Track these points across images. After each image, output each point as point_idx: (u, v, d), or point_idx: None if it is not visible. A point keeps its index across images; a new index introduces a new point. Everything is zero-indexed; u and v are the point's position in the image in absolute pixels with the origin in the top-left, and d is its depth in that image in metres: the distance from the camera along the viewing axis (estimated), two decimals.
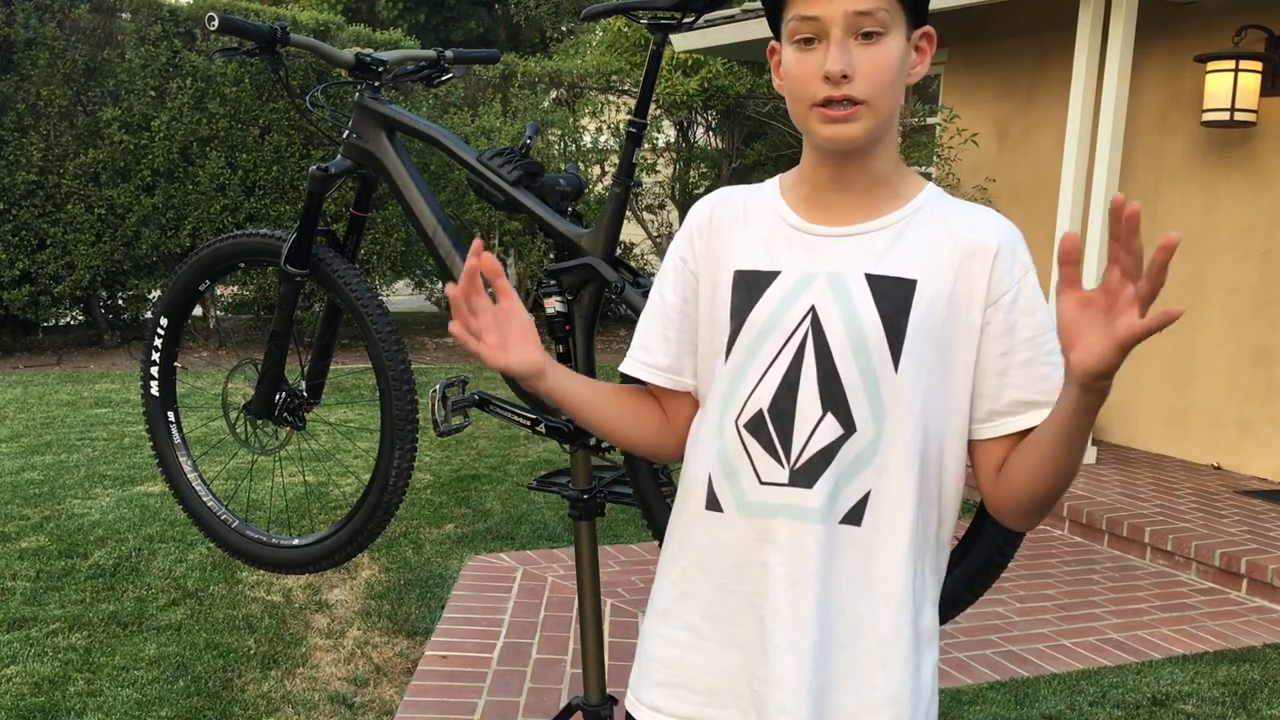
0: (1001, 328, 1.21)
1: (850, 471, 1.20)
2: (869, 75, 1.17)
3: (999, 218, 1.26)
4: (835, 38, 1.17)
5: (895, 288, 1.20)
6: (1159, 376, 5.93)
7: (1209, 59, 5.38)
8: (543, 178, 2.53)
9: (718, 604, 1.25)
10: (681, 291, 1.33)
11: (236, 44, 2.99)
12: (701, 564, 1.27)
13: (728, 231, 1.30)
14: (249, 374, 3.19)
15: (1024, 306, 1.22)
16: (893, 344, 1.19)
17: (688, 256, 1.33)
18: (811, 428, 1.20)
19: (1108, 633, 3.57)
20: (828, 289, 1.21)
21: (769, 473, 1.22)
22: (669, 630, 1.29)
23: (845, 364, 1.20)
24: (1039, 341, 1.21)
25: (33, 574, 3.59)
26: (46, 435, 5.47)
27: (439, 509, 4.50)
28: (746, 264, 1.27)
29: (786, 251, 1.25)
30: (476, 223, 9.00)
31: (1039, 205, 6.40)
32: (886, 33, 1.18)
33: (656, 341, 1.35)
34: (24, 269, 7.75)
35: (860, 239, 1.23)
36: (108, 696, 2.81)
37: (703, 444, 1.29)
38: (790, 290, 1.23)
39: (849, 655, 1.21)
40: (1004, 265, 1.21)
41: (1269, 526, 4.51)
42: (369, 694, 2.95)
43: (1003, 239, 1.23)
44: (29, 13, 7.56)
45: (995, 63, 6.76)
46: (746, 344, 1.24)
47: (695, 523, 1.28)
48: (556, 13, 16.24)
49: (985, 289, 1.21)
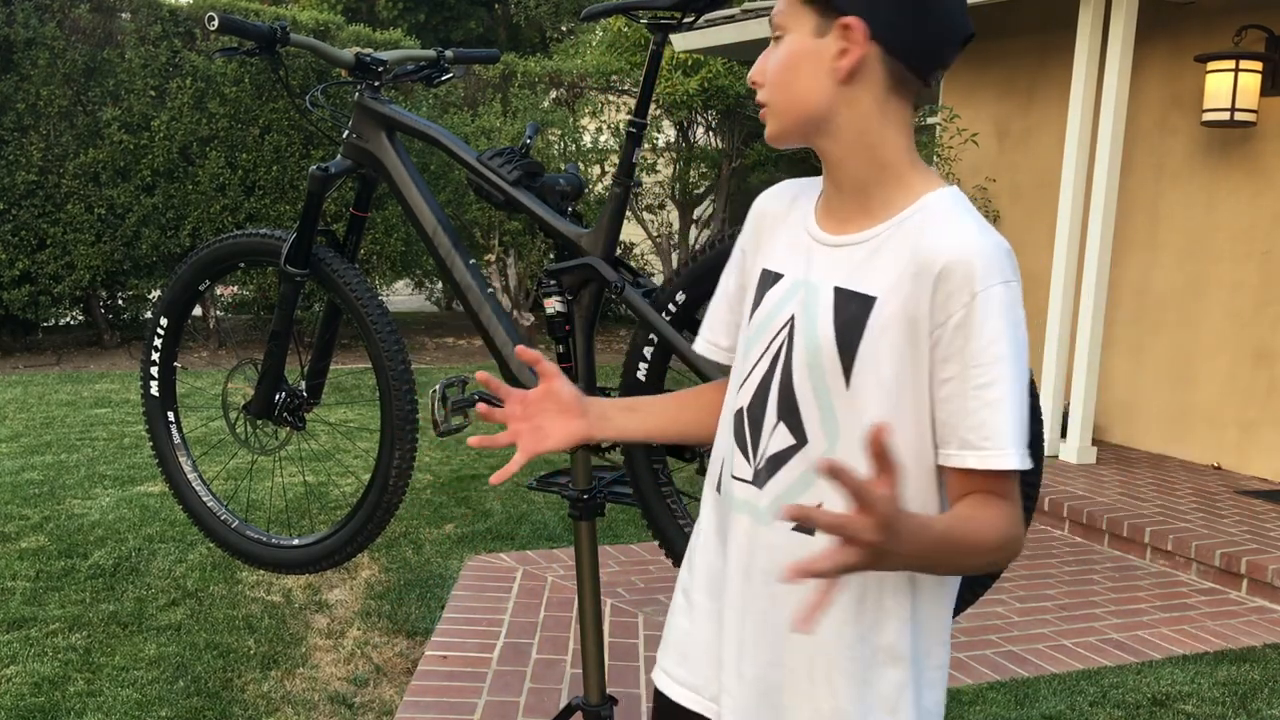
0: (944, 352, 1.14)
1: (803, 482, 1.21)
2: (769, 77, 1.21)
3: (970, 235, 1.14)
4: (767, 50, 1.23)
5: (855, 304, 1.18)
6: (1159, 376, 5.93)
7: (1209, 59, 5.38)
8: (543, 178, 2.53)
9: (706, 578, 1.33)
10: (740, 279, 1.37)
11: (236, 44, 2.99)
12: (707, 541, 1.34)
13: (770, 227, 1.33)
14: (249, 374, 3.19)
15: (965, 333, 1.12)
16: (845, 360, 1.17)
17: (747, 247, 1.36)
18: (770, 433, 1.24)
19: (1108, 633, 3.57)
20: (804, 299, 1.23)
21: (740, 468, 1.27)
22: (677, 599, 1.39)
23: (800, 376, 1.21)
24: (973, 375, 1.12)
25: (33, 574, 3.59)
26: (46, 435, 5.47)
27: (439, 509, 4.50)
28: (770, 263, 1.30)
29: (794, 256, 1.27)
30: (476, 223, 9.00)
31: (1039, 205, 6.40)
32: (785, 33, 1.20)
33: (720, 324, 1.39)
34: (24, 269, 7.75)
35: (844, 250, 1.21)
36: (108, 696, 2.81)
37: (721, 426, 1.35)
38: (782, 296, 1.25)
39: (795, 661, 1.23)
40: (949, 287, 1.12)
41: (1269, 527, 4.51)
42: (369, 694, 2.95)
43: (952, 257, 1.13)
44: (29, 13, 7.56)
45: (995, 63, 6.76)
46: (746, 342, 1.29)
47: (707, 502, 1.36)
48: (556, 13, 16.24)
49: (929, 310, 1.14)
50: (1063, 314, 5.59)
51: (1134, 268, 6.00)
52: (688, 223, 10.49)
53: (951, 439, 1.15)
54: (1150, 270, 5.95)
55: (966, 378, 1.13)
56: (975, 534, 1.11)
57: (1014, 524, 1.15)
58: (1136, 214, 5.97)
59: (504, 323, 2.68)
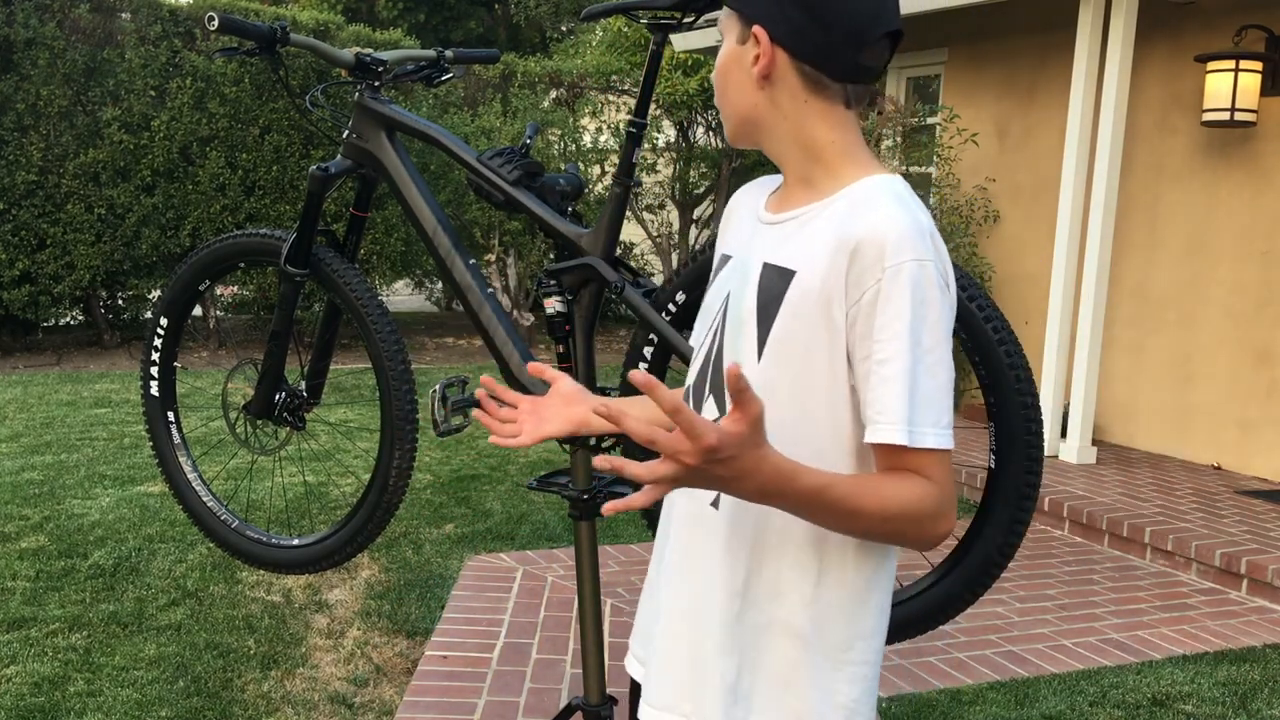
0: (861, 329, 1.15)
1: None
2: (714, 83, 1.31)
3: (886, 215, 1.15)
4: None
5: (777, 278, 1.21)
6: (1159, 376, 5.93)
7: (1209, 59, 5.38)
8: (543, 178, 2.53)
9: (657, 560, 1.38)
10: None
11: (236, 44, 2.99)
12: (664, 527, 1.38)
13: (734, 219, 1.38)
14: (249, 374, 3.19)
15: (875, 308, 1.13)
16: (760, 333, 1.21)
17: (720, 240, 1.41)
18: (701, 408, 1.30)
19: (1108, 633, 3.57)
20: (738, 275, 1.28)
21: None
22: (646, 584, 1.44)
23: (728, 350, 1.26)
24: (874, 349, 1.13)
25: (33, 574, 3.59)
26: (46, 435, 5.47)
27: (439, 509, 4.50)
28: (726, 249, 1.36)
29: (740, 237, 1.33)
30: (476, 223, 9.00)
31: (1039, 205, 6.40)
32: (722, 40, 1.28)
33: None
34: (24, 269, 7.75)
35: (776, 228, 1.26)
36: (108, 696, 2.81)
37: None
38: (725, 276, 1.31)
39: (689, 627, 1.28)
40: (863, 263, 1.13)
41: (1269, 527, 4.51)
42: (369, 694, 2.95)
43: (865, 234, 1.14)
44: (29, 13, 7.56)
45: (995, 63, 6.76)
46: (699, 322, 1.35)
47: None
48: (556, 13, 16.23)
49: (844, 287, 1.15)
50: (1063, 314, 5.59)
51: (1134, 268, 6.00)
52: (688, 223, 10.50)
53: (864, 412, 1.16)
54: (1150, 270, 5.95)
55: (870, 354, 1.14)
56: (869, 500, 1.11)
57: (925, 501, 1.13)
58: (1136, 214, 5.97)
59: (504, 323, 2.68)
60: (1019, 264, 6.57)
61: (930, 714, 2.92)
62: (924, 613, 2.41)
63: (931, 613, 2.40)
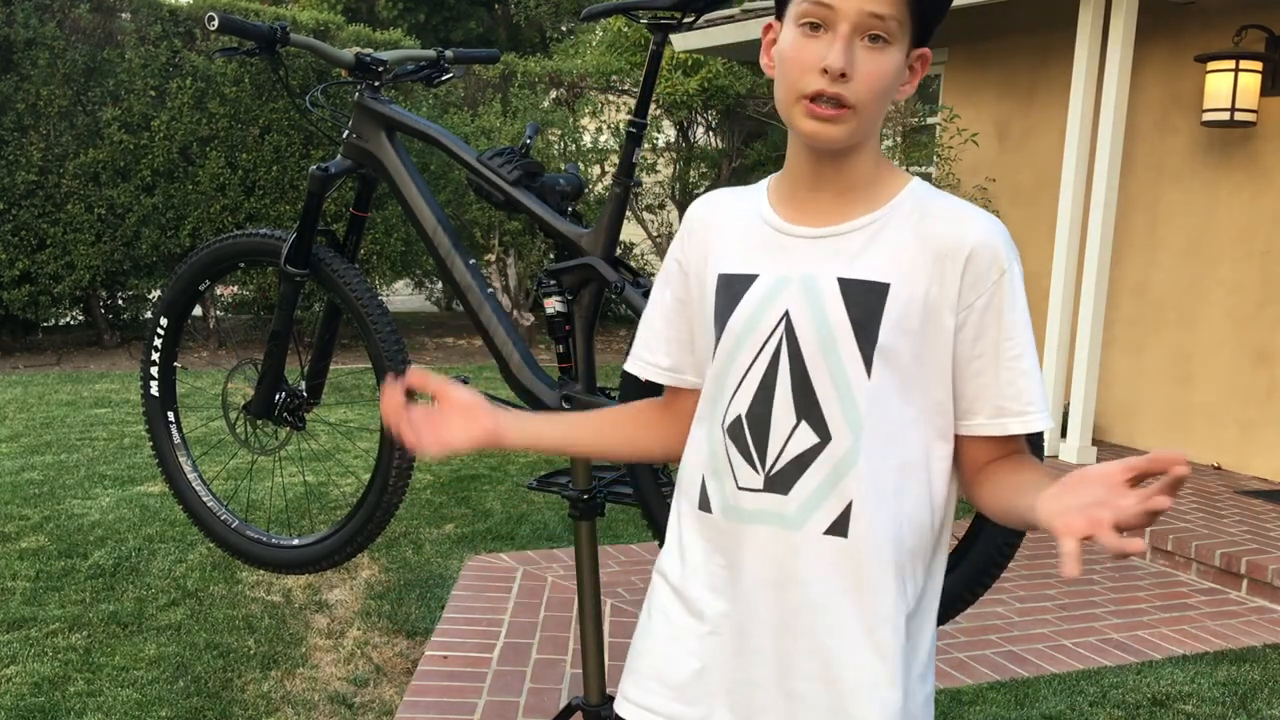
0: (974, 330, 1.20)
1: (831, 481, 1.18)
2: (866, 80, 1.15)
3: (980, 216, 1.21)
4: (843, 32, 1.14)
5: (867, 292, 1.18)
6: (1159, 376, 5.92)
7: (1209, 59, 5.38)
8: (543, 178, 2.53)
9: (701, 603, 1.26)
10: (678, 292, 1.34)
11: (236, 44, 3.00)
12: (689, 562, 1.28)
13: (716, 232, 1.30)
14: (249, 374, 3.19)
15: (996, 309, 1.19)
16: (864, 349, 1.17)
17: (682, 258, 1.33)
18: (787, 435, 1.20)
19: (1108, 633, 3.57)
20: (800, 293, 1.20)
21: (746, 478, 1.22)
22: (652, 623, 1.31)
23: (817, 370, 1.19)
24: (1006, 347, 1.20)
25: (33, 574, 3.58)
26: (46, 435, 5.47)
27: (439, 509, 4.50)
28: (729, 267, 1.26)
29: (764, 254, 1.25)
30: (476, 223, 9.00)
31: (1039, 205, 6.40)
32: (892, 43, 1.16)
33: (658, 341, 1.36)
34: (24, 269, 7.75)
35: (834, 241, 1.21)
36: (108, 696, 2.81)
37: (695, 444, 1.30)
38: (766, 294, 1.22)
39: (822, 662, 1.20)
40: (978, 268, 1.18)
41: (1269, 527, 4.51)
42: (369, 694, 2.95)
43: (978, 240, 1.19)
44: (29, 13, 7.56)
45: (995, 63, 6.76)
46: (728, 349, 1.24)
47: (688, 522, 1.29)
48: (556, 13, 16.24)
49: (957, 292, 1.18)
50: (1063, 314, 5.58)
51: (1134, 268, 6.00)
52: None
53: (982, 409, 1.21)
54: (1150, 270, 5.95)
55: (1000, 350, 1.20)
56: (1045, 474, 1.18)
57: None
58: (1136, 214, 5.97)
59: (504, 323, 2.68)
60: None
61: None
62: None
63: None
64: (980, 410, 1.21)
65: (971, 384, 1.21)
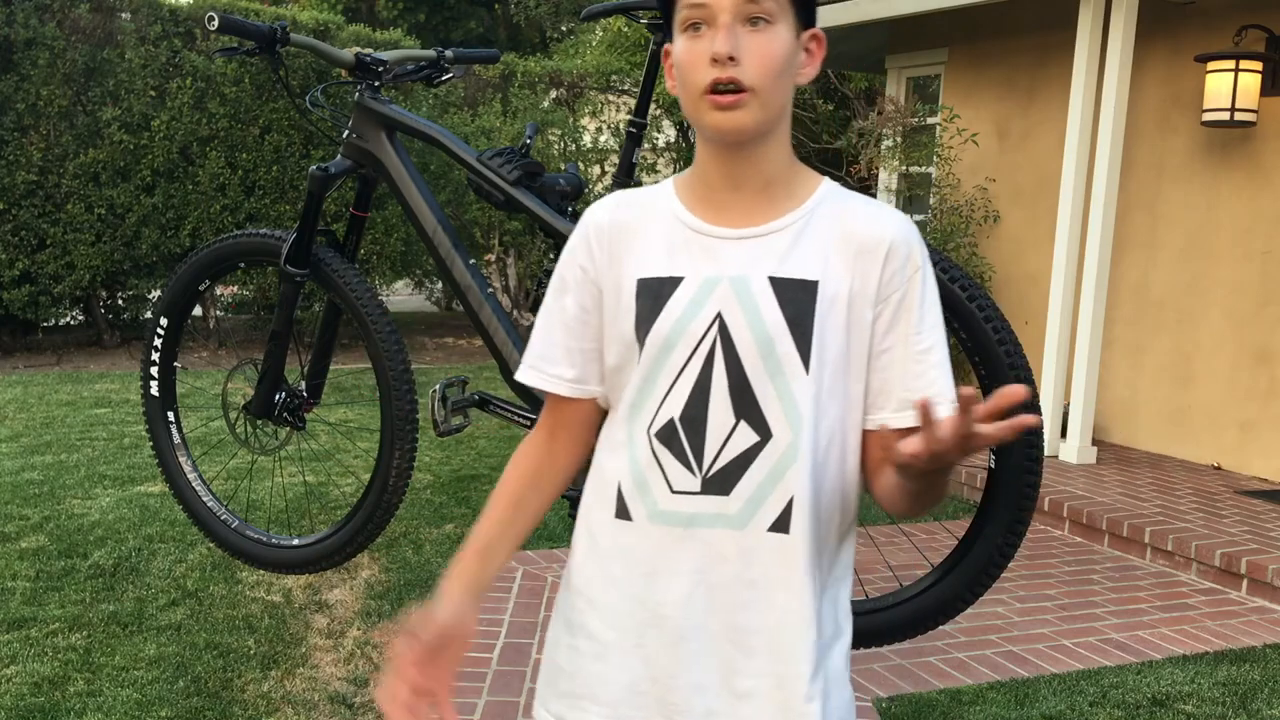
0: (886, 324, 1.22)
1: (772, 479, 1.20)
2: (756, 61, 1.16)
3: (894, 214, 1.25)
4: (724, 23, 1.16)
5: (799, 290, 1.20)
6: (1159, 376, 5.93)
7: (1209, 59, 5.38)
8: (543, 178, 2.53)
9: (625, 614, 1.24)
10: (583, 301, 1.29)
11: (236, 44, 2.99)
12: (609, 573, 1.26)
13: (628, 236, 1.27)
14: (249, 374, 3.19)
15: (909, 304, 1.22)
16: (801, 347, 1.19)
17: (588, 265, 1.29)
18: (725, 435, 1.20)
19: (1108, 633, 3.57)
20: (731, 294, 1.20)
21: (681, 481, 1.21)
22: (575, 640, 1.28)
23: (755, 370, 1.20)
24: (915, 340, 1.22)
25: (33, 574, 3.59)
26: (46, 435, 5.47)
27: (439, 509, 4.50)
28: (648, 271, 1.24)
29: (687, 256, 1.23)
30: (476, 223, 9.00)
31: (1039, 205, 6.40)
32: (774, 23, 1.18)
33: (559, 352, 1.31)
34: (24, 269, 7.75)
35: (761, 241, 1.22)
36: (108, 696, 2.81)
37: (611, 452, 1.27)
38: (694, 297, 1.21)
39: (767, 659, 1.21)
40: (895, 263, 1.22)
41: (1269, 527, 4.51)
42: (369, 694, 2.95)
43: (896, 236, 1.22)
44: (29, 13, 7.56)
45: (995, 63, 6.76)
46: (653, 354, 1.23)
47: (604, 531, 1.27)
48: (556, 13, 16.24)
49: (876, 286, 1.22)
50: (1062, 314, 5.59)
51: (1134, 268, 6.00)
52: None
53: (888, 402, 1.24)
54: (1150, 270, 5.95)
55: (909, 343, 1.22)
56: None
57: None
58: (1136, 214, 5.97)
59: (504, 323, 2.68)
60: (1019, 264, 6.57)
61: (930, 714, 2.92)
62: (925, 612, 2.41)
63: (932, 612, 2.40)
64: (886, 404, 1.23)
65: (878, 376, 1.23)
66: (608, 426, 1.30)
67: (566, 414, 1.34)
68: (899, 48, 7.41)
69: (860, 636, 2.46)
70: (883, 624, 2.43)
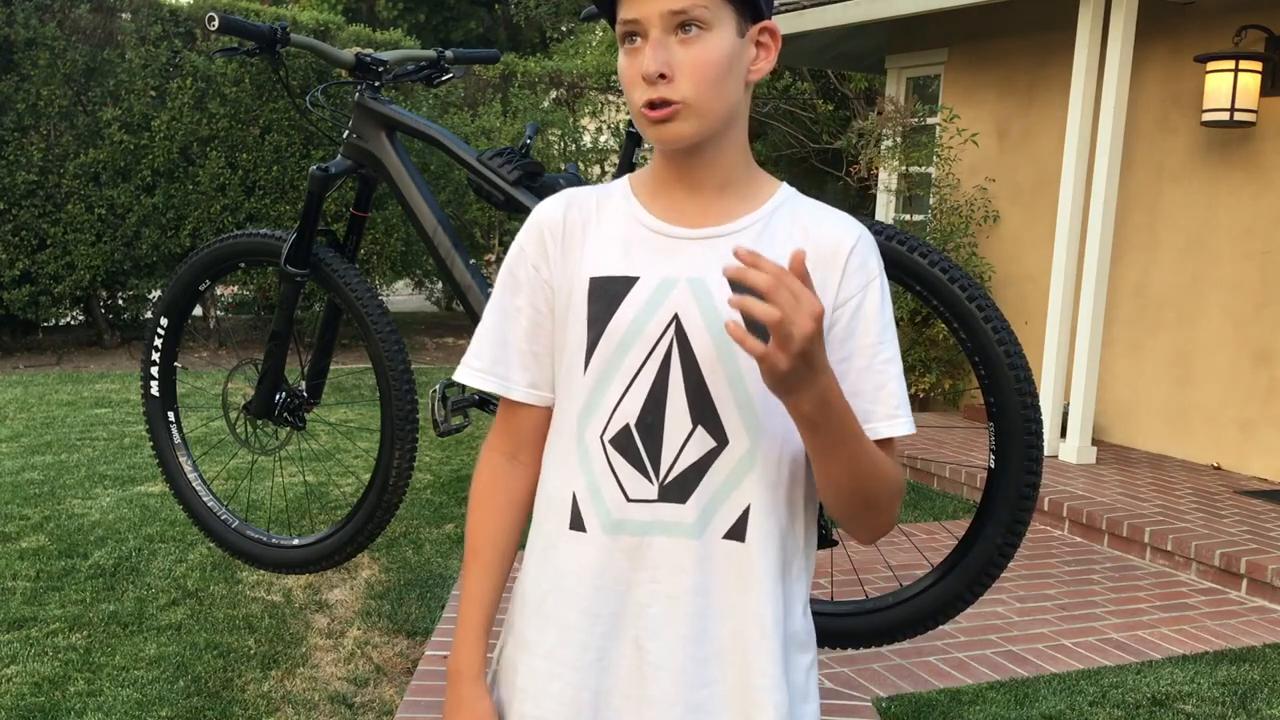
0: (844, 332, 1.19)
1: (728, 486, 1.17)
2: (688, 73, 1.13)
3: (852, 221, 1.23)
4: (654, 38, 1.13)
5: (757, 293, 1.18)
6: (1159, 376, 5.93)
7: (1209, 59, 5.38)
8: (543, 178, 2.53)
9: (581, 629, 1.20)
10: (535, 301, 1.25)
11: (236, 44, 2.99)
12: (563, 587, 1.22)
13: (581, 235, 1.23)
14: (249, 374, 3.20)
15: (866, 313, 1.19)
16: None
17: (540, 264, 1.24)
18: (682, 441, 1.17)
19: (1108, 633, 3.57)
20: (689, 295, 1.17)
21: (636, 489, 1.18)
22: (531, 659, 1.24)
23: (713, 374, 1.16)
24: (876, 350, 1.19)
25: (33, 574, 3.59)
26: (46, 435, 5.47)
27: (439, 509, 4.50)
28: (602, 269, 1.20)
29: (643, 255, 1.20)
30: (476, 223, 9.01)
31: (1039, 205, 6.40)
32: (708, 29, 1.13)
33: (513, 355, 1.26)
34: (24, 269, 7.75)
35: (720, 242, 1.19)
36: (108, 696, 2.81)
37: (561, 460, 1.23)
38: (650, 298, 1.18)
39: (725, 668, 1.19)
40: (853, 269, 1.19)
41: (1269, 527, 4.51)
42: (369, 694, 2.95)
43: (855, 243, 1.20)
44: (29, 13, 7.56)
45: (995, 63, 6.76)
46: (606, 356, 1.19)
47: (556, 544, 1.23)
48: (556, 13, 16.24)
49: (834, 293, 1.19)
50: (1062, 314, 5.59)
51: (1134, 267, 6.00)
52: None
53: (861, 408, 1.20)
54: (1150, 270, 5.95)
55: (871, 353, 1.19)
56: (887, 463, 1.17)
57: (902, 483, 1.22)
58: (1136, 214, 5.97)
59: None
60: (1019, 264, 6.57)
61: (930, 714, 2.92)
62: (924, 612, 2.41)
63: (932, 612, 2.40)
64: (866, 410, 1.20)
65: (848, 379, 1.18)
66: (554, 436, 1.25)
67: (525, 426, 1.28)
68: (899, 48, 7.41)
69: (860, 636, 2.46)
70: (882, 624, 2.43)
